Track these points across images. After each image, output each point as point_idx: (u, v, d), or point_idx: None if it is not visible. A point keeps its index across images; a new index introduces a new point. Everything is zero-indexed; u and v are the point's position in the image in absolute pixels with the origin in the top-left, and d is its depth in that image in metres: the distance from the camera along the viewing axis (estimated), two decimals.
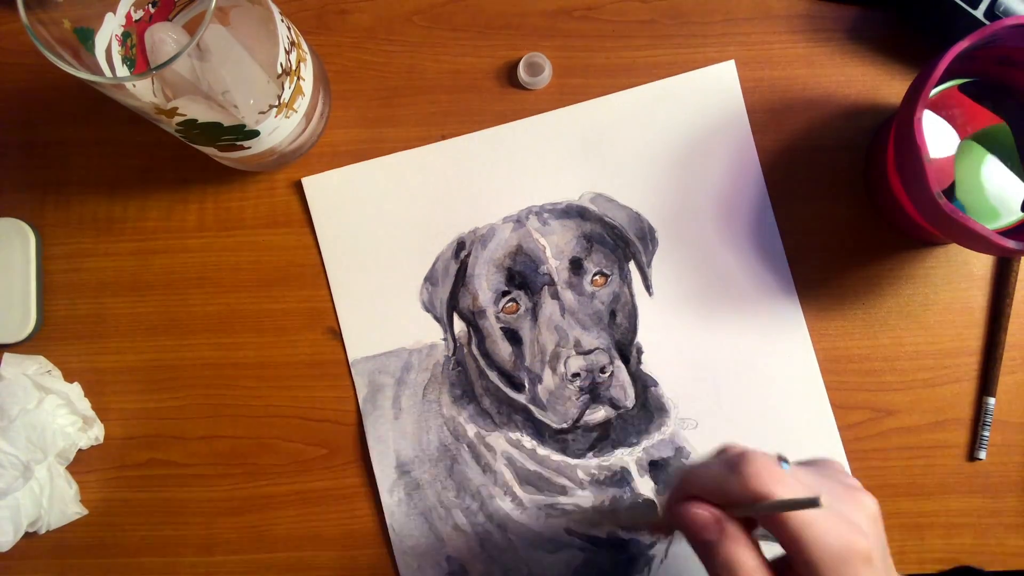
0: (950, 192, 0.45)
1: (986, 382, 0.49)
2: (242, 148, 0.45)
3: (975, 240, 0.40)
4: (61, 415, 0.49)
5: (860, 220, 0.50)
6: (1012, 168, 0.45)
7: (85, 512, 0.51)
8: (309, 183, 0.52)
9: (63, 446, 0.49)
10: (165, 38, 0.41)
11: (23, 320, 0.51)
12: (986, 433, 0.49)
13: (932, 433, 0.49)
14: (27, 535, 0.49)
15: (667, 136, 0.51)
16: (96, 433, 0.51)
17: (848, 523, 0.32)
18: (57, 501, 0.49)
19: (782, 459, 0.34)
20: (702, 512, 0.33)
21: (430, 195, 0.51)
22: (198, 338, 0.52)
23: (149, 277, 0.52)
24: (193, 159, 0.51)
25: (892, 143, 0.44)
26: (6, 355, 0.50)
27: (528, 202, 0.51)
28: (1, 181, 0.53)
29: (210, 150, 0.46)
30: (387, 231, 0.51)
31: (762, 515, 0.32)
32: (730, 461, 0.33)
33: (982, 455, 0.49)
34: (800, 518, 0.31)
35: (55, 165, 0.53)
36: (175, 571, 0.51)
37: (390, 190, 0.51)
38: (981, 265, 0.50)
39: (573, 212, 0.50)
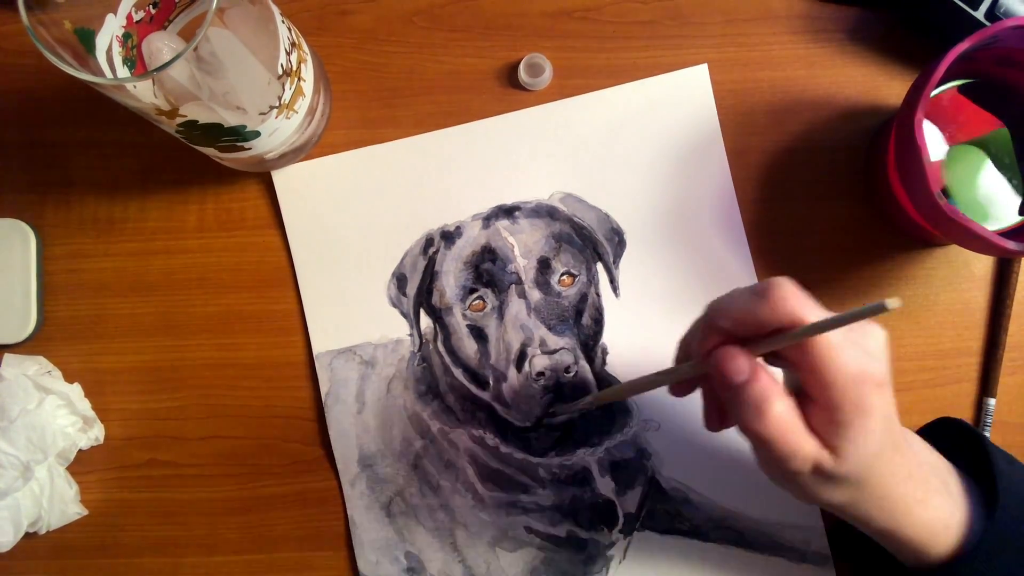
0: (943, 195, 0.45)
1: (986, 383, 0.49)
2: (243, 149, 0.45)
3: (975, 241, 0.40)
4: (61, 415, 0.49)
5: (860, 220, 0.50)
6: (1009, 168, 0.45)
7: (85, 512, 0.51)
8: (279, 175, 0.51)
9: (63, 446, 0.49)
10: (162, 47, 0.41)
11: (23, 320, 0.51)
12: (987, 434, 0.49)
13: None
14: (27, 535, 0.49)
15: (638, 137, 0.51)
16: (96, 433, 0.51)
17: (864, 350, 0.34)
18: (57, 501, 0.49)
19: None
20: (734, 357, 0.34)
21: (400, 190, 0.51)
22: (198, 338, 0.52)
23: (149, 277, 0.52)
24: (193, 160, 0.51)
25: (892, 144, 0.44)
26: (6, 355, 0.50)
27: (498, 200, 0.51)
28: (1, 181, 0.53)
29: (210, 151, 0.46)
30: (356, 225, 0.51)
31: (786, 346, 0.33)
32: (756, 289, 0.34)
33: None
34: (822, 341, 0.33)
35: (55, 165, 0.53)
36: (175, 571, 0.51)
37: (360, 184, 0.51)
38: (981, 266, 0.50)
39: (543, 211, 0.50)
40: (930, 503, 0.37)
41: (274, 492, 0.51)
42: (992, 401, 0.49)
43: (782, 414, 0.33)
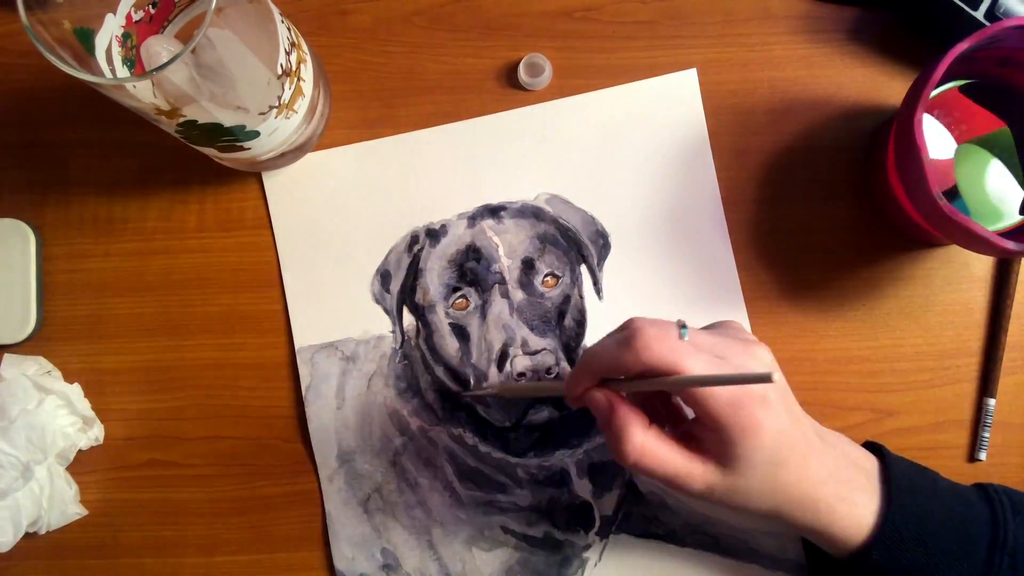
0: (952, 194, 0.45)
1: (986, 383, 0.49)
2: (242, 149, 0.45)
3: (975, 241, 0.40)
4: (61, 416, 0.49)
5: (860, 220, 0.50)
6: (1011, 169, 0.45)
7: (85, 512, 0.51)
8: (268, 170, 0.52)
9: (63, 446, 0.49)
10: (160, 50, 0.41)
11: (23, 320, 0.51)
12: (986, 434, 0.49)
13: (932, 434, 0.49)
14: (27, 535, 0.49)
15: (625, 141, 0.51)
16: (96, 433, 0.51)
17: (740, 371, 0.36)
18: (57, 501, 0.49)
19: (681, 325, 0.36)
20: (596, 394, 0.37)
21: (388, 187, 0.51)
22: (198, 338, 0.52)
23: (149, 277, 0.52)
24: (193, 159, 0.51)
25: (892, 144, 0.44)
26: (6, 356, 0.50)
27: (484, 200, 0.51)
28: (1, 181, 0.53)
29: (210, 151, 0.46)
30: (343, 220, 0.51)
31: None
32: (623, 337, 0.36)
33: (982, 456, 0.49)
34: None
35: (55, 165, 0.53)
36: (175, 571, 0.51)
37: (348, 180, 0.52)
38: (981, 266, 0.50)
39: (528, 212, 0.50)
40: (855, 499, 0.39)
41: (274, 492, 0.51)
42: (992, 401, 0.49)
43: (643, 442, 0.36)
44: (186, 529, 0.51)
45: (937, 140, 0.46)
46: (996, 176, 0.45)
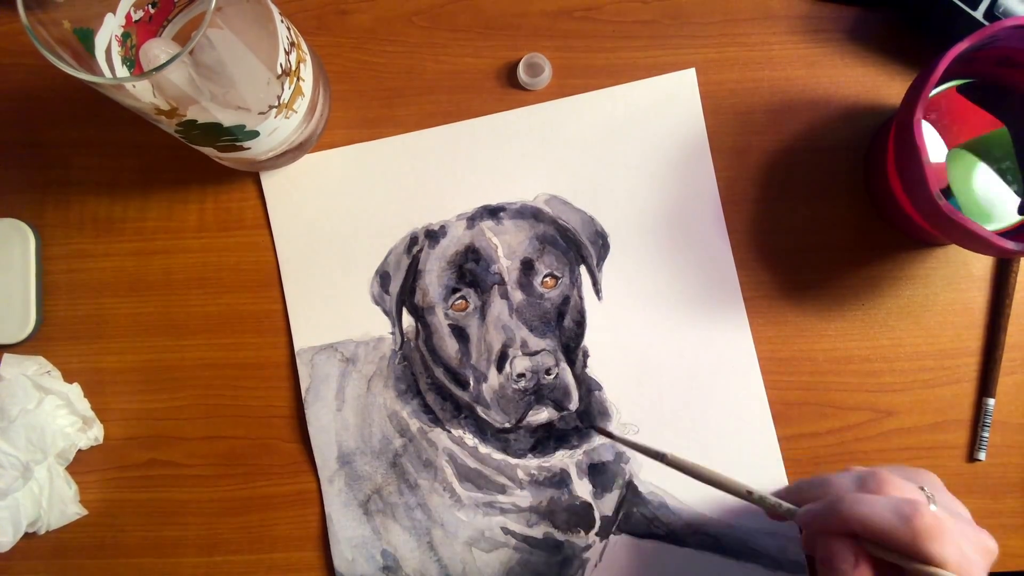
0: (945, 195, 0.45)
1: (986, 383, 0.49)
2: (242, 148, 0.45)
3: (975, 241, 0.40)
4: (61, 415, 0.49)
5: (860, 220, 0.50)
6: (1008, 169, 0.45)
7: (85, 512, 0.51)
8: (267, 171, 0.51)
9: (63, 446, 0.49)
10: (159, 54, 0.41)
11: (23, 320, 0.51)
12: (986, 434, 0.49)
13: (932, 434, 0.49)
14: (27, 535, 0.49)
15: (624, 141, 0.51)
16: (96, 433, 0.51)
17: (970, 562, 0.34)
18: (57, 501, 0.49)
19: (929, 498, 0.36)
20: (843, 547, 0.36)
21: (387, 188, 0.51)
22: (198, 338, 0.52)
23: (149, 277, 0.52)
24: (193, 159, 0.51)
25: (892, 144, 0.44)
26: (6, 355, 0.50)
27: (483, 200, 0.51)
28: (1, 181, 0.53)
29: (210, 150, 0.46)
30: (342, 222, 0.51)
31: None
32: (901, 511, 0.34)
33: (982, 456, 0.49)
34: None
35: (55, 165, 0.53)
36: (175, 571, 0.51)
37: (347, 181, 0.52)
38: (981, 266, 0.50)
39: (527, 213, 0.50)
40: None
41: (273, 492, 0.51)
42: (991, 401, 0.49)
43: None
44: (186, 529, 0.51)
45: (929, 144, 0.46)
46: (984, 180, 0.45)
